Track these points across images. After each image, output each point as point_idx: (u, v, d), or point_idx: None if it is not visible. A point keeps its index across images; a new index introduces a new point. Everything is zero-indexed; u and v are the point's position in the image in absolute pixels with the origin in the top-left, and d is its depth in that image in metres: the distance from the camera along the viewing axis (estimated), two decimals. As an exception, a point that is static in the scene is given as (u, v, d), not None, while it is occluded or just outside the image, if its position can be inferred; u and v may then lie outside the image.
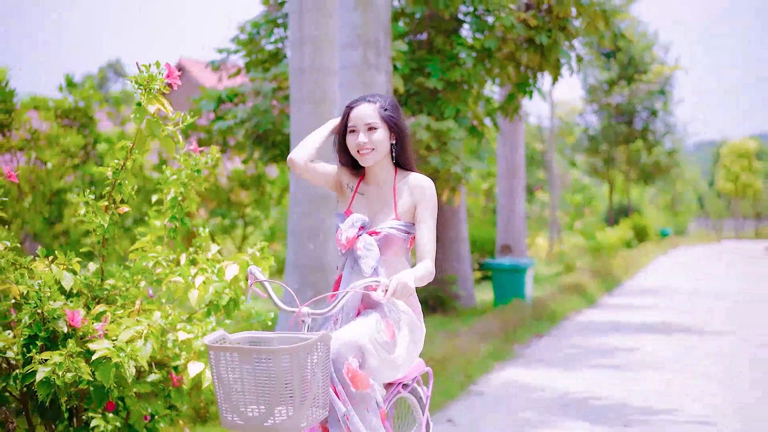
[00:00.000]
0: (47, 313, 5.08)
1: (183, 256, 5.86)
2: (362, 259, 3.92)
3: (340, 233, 3.99)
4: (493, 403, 7.81)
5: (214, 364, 3.48)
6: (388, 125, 3.98)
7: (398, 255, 4.01)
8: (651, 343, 11.08)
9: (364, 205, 4.07)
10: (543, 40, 11.02)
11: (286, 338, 3.68)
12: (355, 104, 4.03)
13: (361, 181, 4.13)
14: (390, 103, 4.04)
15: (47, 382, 4.78)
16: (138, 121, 5.25)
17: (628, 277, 21.52)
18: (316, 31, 8.19)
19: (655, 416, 7.24)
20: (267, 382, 3.37)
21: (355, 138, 3.97)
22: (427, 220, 3.94)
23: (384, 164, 4.05)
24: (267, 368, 3.36)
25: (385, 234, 3.95)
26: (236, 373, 3.41)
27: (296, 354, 3.34)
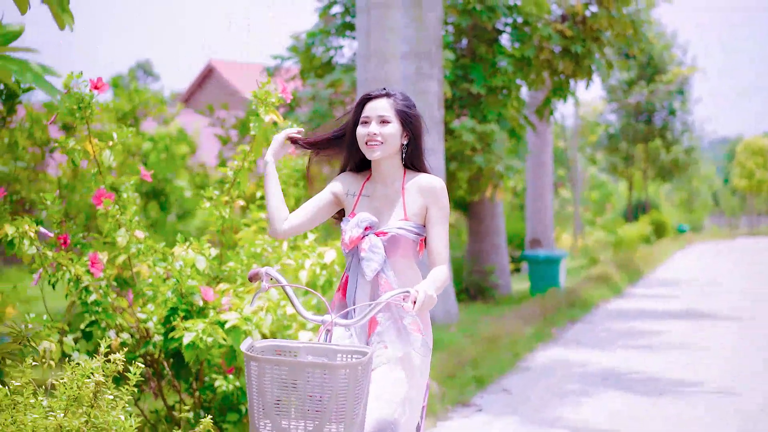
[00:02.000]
0: (185, 290, 6.09)
1: (285, 244, 6.86)
2: (365, 261, 3.70)
3: (344, 233, 3.78)
4: (539, 376, 8.81)
5: (255, 376, 3.14)
6: (402, 122, 3.77)
7: (407, 258, 3.78)
8: (676, 327, 12.06)
9: (370, 206, 3.84)
10: (578, 49, 12.01)
11: (314, 349, 3.37)
12: (372, 96, 3.83)
13: (365, 182, 3.91)
14: (407, 100, 3.85)
15: (192, 345, 5.79)
16: (259, 129, 6.28)
17: (649, 269, 22.50)
18: (382, 47, 9.19)
19: (685, 388, 8.22)
20: (319, 398, 3.11)
21: (366, 129, 3.76)
22: (439, 223, 3.77)
23: (393, 162, 3.82)
24: (321, 383, 3.08)
25: (393, 235, 3.72)
26: (283, 387, 3.11)
27: (354, 369, 3.09)
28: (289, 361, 3.10)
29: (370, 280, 3.73)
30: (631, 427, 6.79)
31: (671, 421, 6.99)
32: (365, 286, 3.75)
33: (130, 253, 6.29)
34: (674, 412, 7.25)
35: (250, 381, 3.17)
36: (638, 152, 34.94)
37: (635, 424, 6.89)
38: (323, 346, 3.37)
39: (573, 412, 7.29)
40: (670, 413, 7.22)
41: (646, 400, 7.74)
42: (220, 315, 5.97)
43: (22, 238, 5.92)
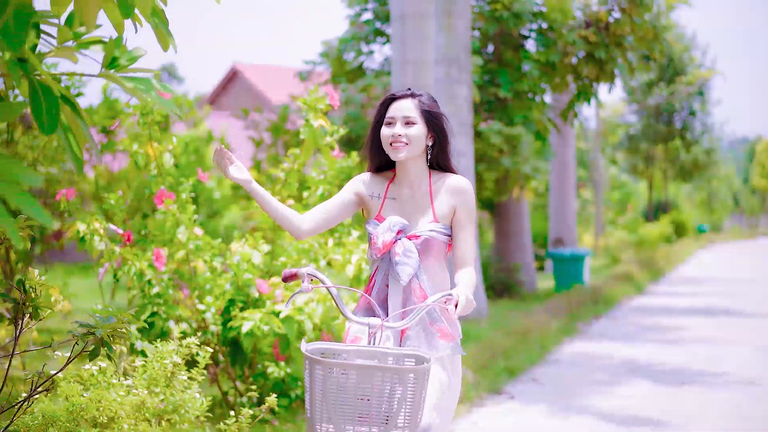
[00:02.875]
0: (242, 283, 6.57)
1: (330, 240, 7.33)
2: (400, 265, 3.62)
3: (376, 237, 3.67)
4: (568, 367, 9.24)
5: (321, 380, 3.06)
6: (428, 123, 3.70)
7: (439, 260, 3.73)
8: (698, 323, 12.46)
9: (397, 209, 3.77)
10: (601, 54, 12.44)
11: (362, 352, 3.29)
12: (397, 96, 3.76)
13: (390, 184, 3.83)
14: (432, 101, 3.78)
15: (250, 334, 6.26)
16: (309, 133, 6.75)
17: (670, 268, 22.86)
18: (416, 55, 9.65)
19: (708, 378, 8.63)
20: (388, 402, 3.06)
21: (391, 129, 3.68)
22: (467, 226, 3.73)
23: (418, 164, 3.75)
24: (391, 388, 3.05)
25: (426, 238, 3.67)
26: (349, 391, 3.04)
27: (422, 374, 3.05)
28: (357, 365, 3.03)
29: (405, 285, 3.64)
30: (656, 413, 7.21)
31: (694, 408, 7.40)
32: (398, 291, 3.67)
33: (188, 249, 6.77)
34: (697, 401, 7.66)
35: (314, 384, 3.07)
36: (658, 153, 35.23)
37: (659, 411, 7.30)
38: (372, 349, 3.29)
39: (600, 400, 7.71)
40: (692, 401, 7.64)
41: (669, 389, 8.15)
42: (275, 306, 6.46)
43: (93, 235, 6.42)
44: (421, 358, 3.27)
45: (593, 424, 6.87)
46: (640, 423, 6.89)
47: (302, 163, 6.99)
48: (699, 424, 6.89)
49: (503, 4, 12.68)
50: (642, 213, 38.58)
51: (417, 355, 3.29)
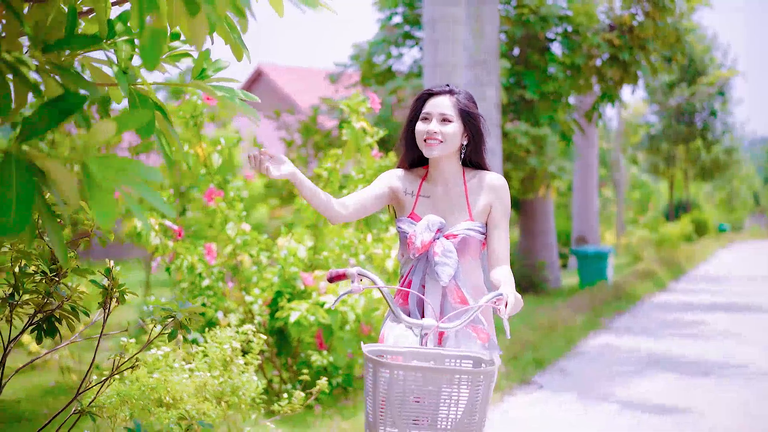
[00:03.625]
0: (288, 276, 6.96)
1: (369, 236, 7.71)
2: (440, 266, 3.55)
3: (414, 237, 3.58)
4: (593, 359, 9.60)
5: (385, 384, 2.99)
6: (464, 122, 3.64)
7: (475, 260, 3.68)
8: (719, 319, 12.78)
9: (430, 207, 3.72)
10: (625, 57, 12.78)
11: (418, 354, 3.25)
12: (434, 92, 3.69)
13: (422, 182, 3.77)
14: (470, 100, 3.70)
15: (297, 323, 6.65)
16: (351, 135, 7.13)
17: (692, 266, 23.15)
18: (447, 58, 10.01)
19: (729, 369, 8.96)
20: (455, 406, 2.99)
21: (426, 126, 3.63)
22: (502, 223, 3.68)
23: (452, 162, 3.70)
24: (459, 391, 2.98)
25: (463, 237, 3.62)
26: (414, 394, 2.98)
27: (490, 376, 2.99)
28: (423, 367, 2.96)
29: (451, 285, 3.58)
30: (677, 402, 7.56)
31: (715, 397, 7.75)
32: (436, 291, 3.59)
33: (236, 244, 7.17)
34: (718, 390, 8.01)
35: (377, 387, 2.98)
36: (679, 153, 35.44)
37: (681, 399, 7.65)
38: (428, 351, 3.25)
39: (624, 389, 8.07)
40: (714, 391, 7.99)
41: (691, 379, 8.49)
42: (320, 297, 6.85)
43: (149, 231, 6.83)
44: (479, 359, 3.23)
45: (617, 412, 7.22)
46: (662, 411, 7.24)
47: (343, 163, 7.38)
48: (718, 412, 7.24)
49: (530, 8, 13.06)
50: (663, 212, 38.81)
51: (474, 356, 3.25)
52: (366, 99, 7.19)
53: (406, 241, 3.69)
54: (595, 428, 6.77)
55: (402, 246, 3.77)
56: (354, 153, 7.25)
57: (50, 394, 7.67)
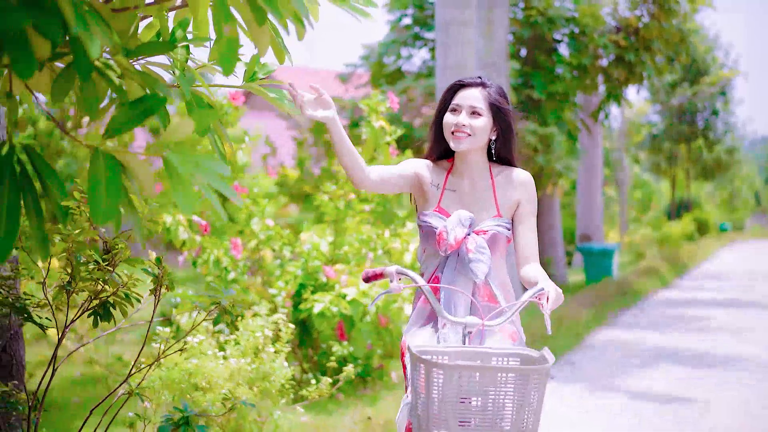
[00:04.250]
0: (311, 269, 7.24)
1: (386, 231, 7.99)
2: (474, 263, 3.46)
3: (446, 232, 3.48)
4: (601, 352, 9.88)
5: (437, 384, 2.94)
6: (494, 117, 3.56)
7: (502, 256, 3.62)
8: (722, 315, 13.07)
9: (456, 201, 3.63)
10: (631, 57, 13.08)
11: (464, 353, 3.17)
12: (466, 84, 3.60)
13: (448, 175, 3.69)
14: (501, 94, 3.61)
15: (321, 314, 6.93)
16: (370, 133, 7.41)
17: (694, 264, 23.43)
18: (458, 60, 10.29)
19: (733, 362, 9.24)
20: (510, 405, 2.93)
21: (455, 118, 3.54)
22: (530, 219, 3.62)
23: (480, 156, 3.62)
24: (514, 390, 2.91)
25: (493, 233, 3.53)
26: (470, 394, 2.93)
27: (543, 374, 2.93)
28: (479, 366, 2.91)
29: (480, 283, 3.52)
30: (684, 392, 7.83)
31: (720, 387, 8.03)
32: (466, 289, 3.51)
33: (259, 239, 7.46)
34: (723, 381, 8.29)
35: (430, 388, 2.92)
36: (681, 152, 35.69)
37: (687, 390, 7.93)
38: (473, 350, 3.17)
39: (632, 380, 8.35)
40: (719, 381, 8.27)
41: (697, 371, 8.77)
42: (342, 290, 7.14)
43: (178, 226, 7.11)
44: (527, 356, 3.15)
45: (626, 402, 7.50)
46: (669, 401, 7.52)
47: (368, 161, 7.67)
48: (723, 401, 7.53)
49: (538, 10, 13.35)
50: (665, 211, 39.09)
51: (522, 353, 3.18)
52: (385, 99, 7.48)
53: (432, 235, 3.59)
54: (605, 418, 7.05)
55: (426, 241, 3.64)
56: (373, 151, 7.53)
57: (78, 384, 7.95)
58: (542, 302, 3.24)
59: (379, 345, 7.66)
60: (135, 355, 8.61)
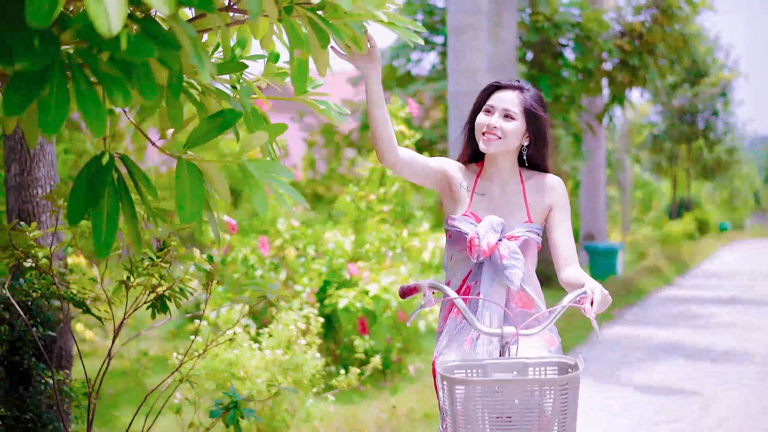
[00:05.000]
0: (335, 266, 7.60)
1: (405, 231, 8.35)
2: (509, 269, 3.36)
3: (477, 238, 3.39)
4: (609, 347, 10.25)
5: (462, 400, 2.87)
6: (527, 122, 3.47)
7: (533, 262, 3.54)
8: (724, 312, 13.46)
9: (486, 206, 3.54)
10: (635, 62, 13.46)
11: (500, 365, 3.08)
12: (502, 86, 3.52)
13: (477, 179, 3.60)
14: (538, 100, 3.53)
15: (346, 309, 7.29)
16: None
17: (695, 263, 23.82)
18: (470, 64, 10.65)
19: (735, 356, 9.62)
20: (539, 417, 2.87)
21: (488, 119, 3.47)
22: (565, 222, 3.53)
23: (510, 160, 3.54)
24: (541, 401, 2.84)
25: (525, 239, 3.45)
26: (496, 409, 2.87)
27: (575, 382, 2.87)
28: (501, 380, 2.88)
29: (516, 289, 3.42)
30: (689, 385, 8.21)
31: (723, 380, 8.41)
32: (499, 297, 3.43)
33: (284, 238, 7.82)
34: (726, 374, 8.67)
35: (454, 405, 2.86)
36: (682, 152, 36.04)
37: (692, 383, 8.31)
38: (510, 361, 3.08)
39: (638, 373, 8.73)
40: (722, 375, 8.65)
41: (701, 365, 9.15)
42: (365, 286, 7.50)
43: (208, 225, 7.47)
44: (564, 364, 3.07)
45: (634, 394, 7.87)
46: (675, 393, 7.90)
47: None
48: (728, 392, 7.90)
49: (544, 15, 13.73)
50: (666, 211, 39.47)
51: (559, 361, 3.10)
52: (405, 104, 7.84)
53: (460, 240, 3.51)
54: (618, 407, 7.42)
55: (453, 246, 3.57)
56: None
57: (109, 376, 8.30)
58: (584, 306, 3.17)
59: (398, 339, 8.01)
60: (159, 350, 8.99)
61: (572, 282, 3.39)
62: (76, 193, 2.33)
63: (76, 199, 2.33)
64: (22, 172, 5.24)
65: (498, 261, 3.39)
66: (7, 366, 4.83)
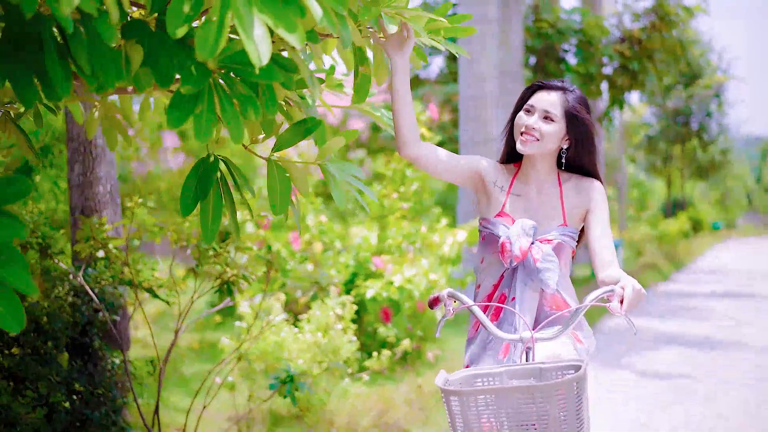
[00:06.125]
0: (361, 259, 8.17)
1: (423, 227, 8.91)
2: (544, 272, 3.29)
3: (509, 242, 3.32)
4: (612, 337, 10.85)
5: (459, 412, 2.82)
6: (568, 125, 3.39)
7: (567, 267, 3.43)
8: (721, 304, 14.10)
9: (522, 208, 3.45)
10: (635, 66, 14.08)
11: (519, 371, 3.04)
12: (545, 86, 3.44)
13: (514, 179, 3.51)
14: (581, 103, 3.42)
15: (373, 299, 7.85)
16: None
17: (691, 260, 24.51)
18: (481, 70, 11.25)
19: (732, 345, 10.25)
20: (537, 424, 2.80)
21: (527, 119, 3.38)
22: (603, 223, 3.39)
23: (548, 162, 3.45)
24: (536, 409, 2.78)
25: (558, 242, 3.36)
26: (492, 418, 2.80)
27: (570, 386, 2.77)
28: (494, 389, 2.78)
29: (552, 293, 3.36)
30: (688, 371, 8.80)
31: (721, 367, 9.02)
32: (532, 301, 3.35)
33: (312, 234, 8.39)
34: (724, 361, 9.29)
35: (453, 418, 2.84)
36: (676, 152, 36.66)
37: (691, 368, 8.91)
38: (527, 367, 3.03)
39: (639, 360, 9.33)
40: (720, 362, 9.26)
41: (700, 353, 9.76)
42: (390, 278, 8.08)
43: (245, 221, 8.03)
44: (580, 365, 2.95)
45: (636, 379, 8.46)
46: (675, 377, 8.49)
47: (406, 163, 8.60)
48: (727, 377, 8.51)
49: (548, 22, 14.32)
50: (661, 210, 40.10)
51: (576, 363, 2.99)
52: (425, 108, 8.42)
53: (493, 243, 3.44)
54: (621, 392, 8.02)
55: (485, 248, 3.50)
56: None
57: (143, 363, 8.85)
58: (609, 305, 3.06)
59: (418, 327, 8.56)
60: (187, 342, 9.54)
61: (608, 282, 3.22)
62: (187, 189, 2.81)
63: (187, 193, 2.81)
64: (84, 172, 5.78)
65: (532, 264, 3.31)
66: (78, 347, 5.35)
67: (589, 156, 3.48)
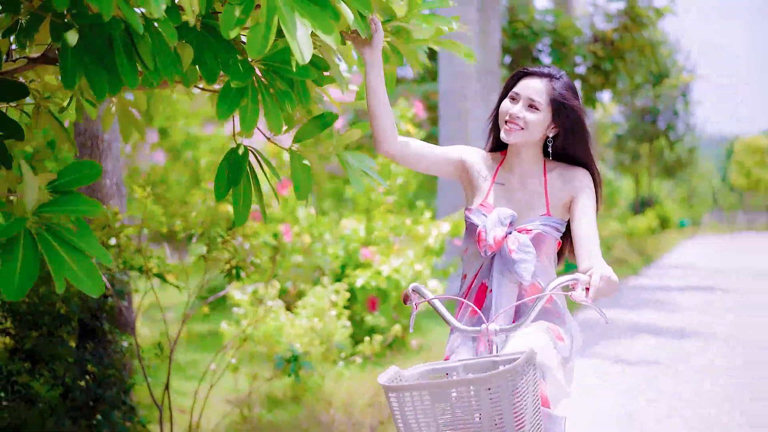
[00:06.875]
0: (351, 250, 8.49)
1: (408, 220, 9.25)
2: (519, 263, 3.16)
3: (484, 232, 3.22)
4: (584, 327, 11.25)
5: (398, 409, 2.72)
6: (554, 113, 3.25)
7: (549, 259, 3.30)
8: (690, 297, 14.62)
9: (505, 197, 3.35)
10: (607, 66, 14.53)
11: (475, 365, 2.97)
12: (530, 72, 3.31)
13: (498, 168, 3.41)
14: (568, 89, 3.29)
15: (363, 288, 8.19)
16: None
17: (659, 256, 25.14)
18: (461, 69, 11.62)
19: (701, 333, 10.73)
20: (470, 420, 2.69)
21: (511, 107, 3.26)
22: (588, 212, 3.25)
23: (533, 151, 3.33)
24: (469, 403, 2.67)
25: (538, 232, 3.23)
26: (429, 415, 2.71)
27: (504, 379, 2.65)
28: (429, 384, 2.69)
29: (527, 285, 3.24)
30: (661, 357, 9.22)
31: (692, 353, 9.46)
32: (510, 293, 3.25)
33: (302, 226, 8.70)
34: (695, 348, 9.73)
35: (395, 415, 2.75)
36: (644, 151, 37.29)
37: (664, 355, 9.34)
38: (484, 360, 2.96)
39: (614, 349, 9.74)
40: (691, 349, 9.70)
41: (672, 341, 10.20)
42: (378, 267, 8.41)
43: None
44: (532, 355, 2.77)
45: (610, 365, 8.85)
46: (648, 363, 8.90)
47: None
48: (696, 363, 8.95)
49: (523, 22, 14.74)
50: (630, 207, 40.74)
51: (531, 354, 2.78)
52: (411, 105, 8.76)
53: (474, 233, 3.34)
54: (598, 377, 8.41)
55: (469, 238, 3.40)
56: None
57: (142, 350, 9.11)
58: (571, 293, 3.00)
59: (403, 316, 8.88)
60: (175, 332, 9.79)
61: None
62: (220, 176, 3.07)
63: (220, 180, 3.07)
64: (91, 166, 6.05)
65: (507, 255, 3.20)
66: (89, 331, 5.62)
67: (582, 144, 3.35)
